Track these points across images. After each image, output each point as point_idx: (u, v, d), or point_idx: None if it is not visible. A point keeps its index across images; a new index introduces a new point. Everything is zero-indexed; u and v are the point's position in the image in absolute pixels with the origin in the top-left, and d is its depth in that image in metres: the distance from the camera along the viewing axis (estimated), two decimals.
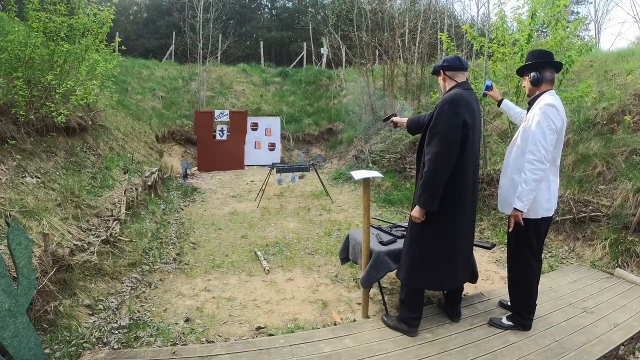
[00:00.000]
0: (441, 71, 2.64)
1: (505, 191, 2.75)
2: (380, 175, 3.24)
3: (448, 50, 5.59)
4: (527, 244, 2.65)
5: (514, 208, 2.51)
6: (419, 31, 10.53)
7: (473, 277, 3.07)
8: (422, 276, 2.64)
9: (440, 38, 5.63)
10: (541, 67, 2.63)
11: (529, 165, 2.46)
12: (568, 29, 4.76)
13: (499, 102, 3.10)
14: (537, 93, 2.65)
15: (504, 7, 4.95)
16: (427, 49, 10.29)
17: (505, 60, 4.87)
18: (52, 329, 2.59)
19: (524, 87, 2.78)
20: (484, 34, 6.50)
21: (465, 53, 9.72)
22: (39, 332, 2.45)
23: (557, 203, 2.81)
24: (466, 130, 2.42)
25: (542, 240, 2.76)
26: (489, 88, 3.06)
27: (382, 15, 11.18)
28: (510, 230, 2.59)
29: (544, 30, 6.60)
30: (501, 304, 3.10)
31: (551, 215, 2.68)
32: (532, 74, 2.63)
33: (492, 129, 6.66)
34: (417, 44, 10.48)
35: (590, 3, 19.24)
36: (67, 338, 2.56)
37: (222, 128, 10.82)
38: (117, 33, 8.55)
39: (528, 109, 2.72)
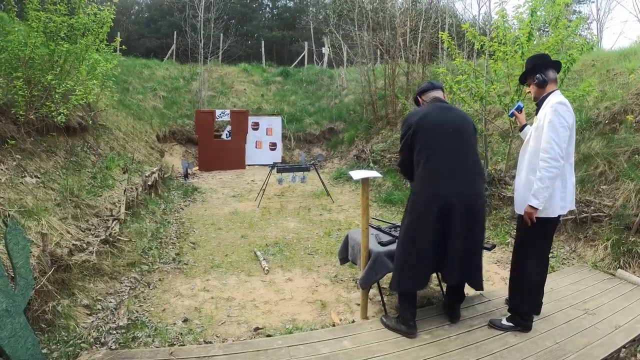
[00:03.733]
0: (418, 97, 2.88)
1: (520, 194, 2.72)
2: (379, 175, 3.23)
3: (449, 49, 5.57)
4: (540, 243, 2.65)
5: (529, 205, 2.51)
6: (420, 30, 10.49)
7: (467, 279, 2.72)
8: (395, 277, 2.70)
9: (441, 37, 5.61)
10: (543, 68, 2.66)
11: (544, 164, 2.46)
12: (569, 28, 4.74)
13: (522, 127, 3.09)
14: (545, 94, 2.66)
15: (505, 6, 4.91)
16: (428, 48, 10.26)
17: (507, 59, 4.85)
18: (50, 329, 2.58)
19: (529, 92, 2.78)
20: (485, 33, 6.47)
21: (467, 52, 9.67)
22: (37, 332, 2.45)
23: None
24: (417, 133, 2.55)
25: (552, 238, 2.76)
26: (519, 110, 3.10)
27: (383, 15, 11.16)
28: (528, 225, 2.56)
29: (546, 29, 6.57)
30: (507, 302, 3.07)
31: (565, 213, 2.67)
32: (537, 76, 2.65)
33: (494, 128, 6.63)
34: (418, 43, 10.44)
35: (592, 2, 19.18)
36: (65, 338, 2.55)
37: (230, 129, 10.85)
38: (119, 33, 8.54)
39: (537, 111, 2.72)
